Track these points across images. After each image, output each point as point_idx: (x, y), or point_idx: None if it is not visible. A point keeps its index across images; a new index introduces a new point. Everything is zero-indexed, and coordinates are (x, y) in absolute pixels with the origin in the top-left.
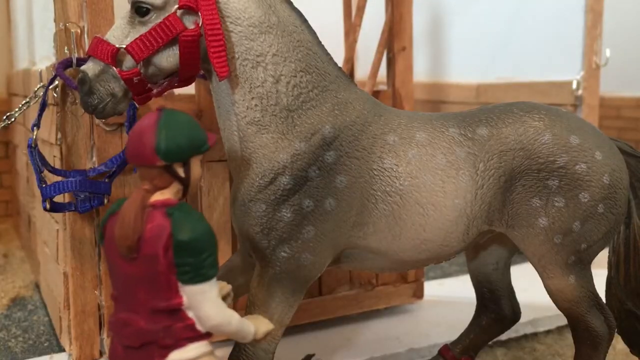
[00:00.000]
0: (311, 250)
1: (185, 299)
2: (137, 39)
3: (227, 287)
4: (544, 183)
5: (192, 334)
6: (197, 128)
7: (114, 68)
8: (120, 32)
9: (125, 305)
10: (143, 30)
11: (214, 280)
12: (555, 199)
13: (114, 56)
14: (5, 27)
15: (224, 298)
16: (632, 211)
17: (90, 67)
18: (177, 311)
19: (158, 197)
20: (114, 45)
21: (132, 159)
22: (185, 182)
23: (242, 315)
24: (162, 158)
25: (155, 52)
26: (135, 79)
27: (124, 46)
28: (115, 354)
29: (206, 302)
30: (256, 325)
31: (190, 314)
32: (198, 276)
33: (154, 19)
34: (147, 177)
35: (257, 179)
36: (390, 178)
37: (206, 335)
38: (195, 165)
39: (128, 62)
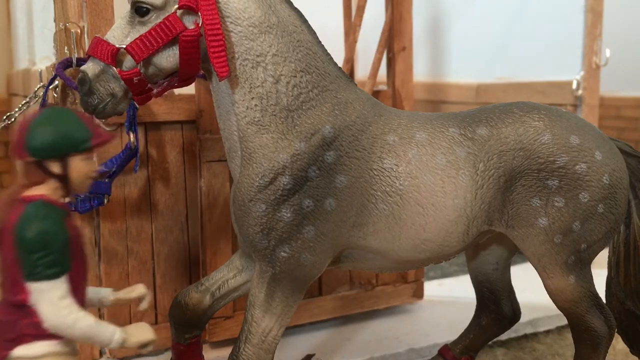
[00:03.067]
0: (311, 250)
1: (31, 296)
2: (137, 39)
3: (138, 290)
4: (544, 183)
5: (37, 332)
6: (78, 126)
7: (114, 68)
8: (120, 32)
9: None
10: (143, 30)
11: (56, 280)
12: (555, 199)
13: (114, 56)
14: (5, 27)
15: (139, 301)
16: (632, 211)
17: (90, 67)
18: (24, 307)
19: (32, 192)
20: (113, 45)
21: (11, 153)
22: (62, 180)
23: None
24: (29, 154)
25: (155, 52)
26: (135, 79)
27: (124, 46)
28: None
29: (43, 301)
30: (129, 333)
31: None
32: (34, 274)
33: (154, 19)
34: (23, 171)
35: (257, 179)
36: (390, 178)
37: (55, 336)
38: (78, 162)
39: (128, 62)
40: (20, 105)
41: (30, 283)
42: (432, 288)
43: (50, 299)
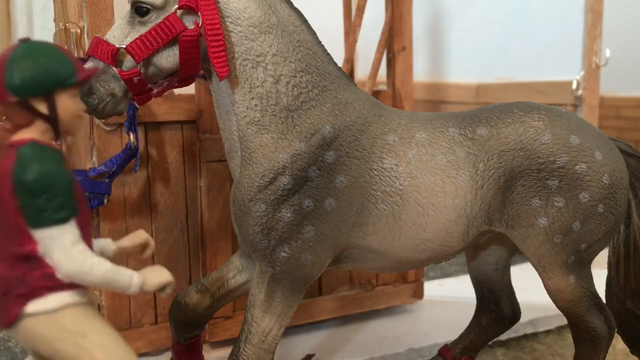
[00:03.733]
0: (311, 250)
1: (40, 246)
2: (137, 39)
3: (141, 236)
4: (544, 183)
5: (51, 283)
6: (61, 60)
7: (114, 68)
8: (120, 32)
9: None
10: (143, 30)
11: (65, 225)
12: (555, 199)
13: (114, 56)
14: (5, 27)
15: (143, 248)
16: (632, 211)
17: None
18: (33, 258)
19: (20, 136)
20: (113, 45)
21: None
22: (50, 120)
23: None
24: (11, 92)
25: (155, 52)
26: (135, 79)
27: (124, 46)
28: None
29: (55, 249)
30: (146, 276)
31: (50, 262)
32: (41, 220)
33: (154, 19)
34: (6, 115)
35: (257, 179)
36: (390, 178)
37: (70, 286)
38: (65, 100)
39: (128, 62)
40: None
41: (38, 230)
42: (432, 288)
43: (63, 245)
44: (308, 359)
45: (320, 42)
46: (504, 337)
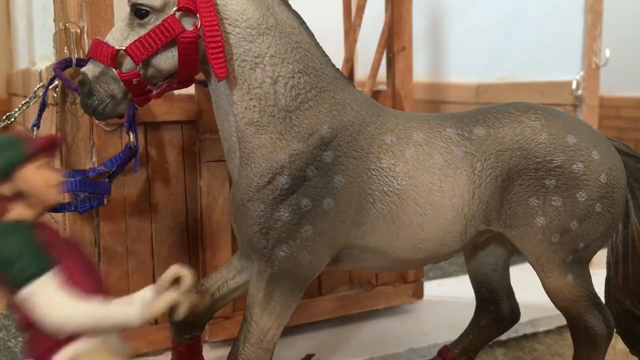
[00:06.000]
0: (309, 250)
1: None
2: (136, 40)
3: (171, 271)
4: (541, 182)
5: (52, 343)
6: (3, 144)
7: (114, 70)
8: (120, 34)
9: None
10: (142, 32)
11: (42, 278)
12: (553, 198)
13: (114, 58)
14: (5, 27)
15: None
16: (630, 211)
17: (90, 69)
18: (32, 324)
19: (10, 215)
20: (113, 47)
21: None
22: (23, 196)
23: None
24: None
25: (154, 53)
26: (134, 80)
27: (124, 48)
28: None
29: (38, 301)
30: (151, 304)
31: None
32: (16, 285)
33: (153, 21)
34: None
35: (256, 179)
36: (388, 178)
37: (68, 341)
38: (33, 172)
39: (127, 63)
40: (20, 105)
41: (20, 294)
42: (432, 288)
43: (45, 294)
44: (308, 359)
45: (318, 43)
46: (504, 337)
